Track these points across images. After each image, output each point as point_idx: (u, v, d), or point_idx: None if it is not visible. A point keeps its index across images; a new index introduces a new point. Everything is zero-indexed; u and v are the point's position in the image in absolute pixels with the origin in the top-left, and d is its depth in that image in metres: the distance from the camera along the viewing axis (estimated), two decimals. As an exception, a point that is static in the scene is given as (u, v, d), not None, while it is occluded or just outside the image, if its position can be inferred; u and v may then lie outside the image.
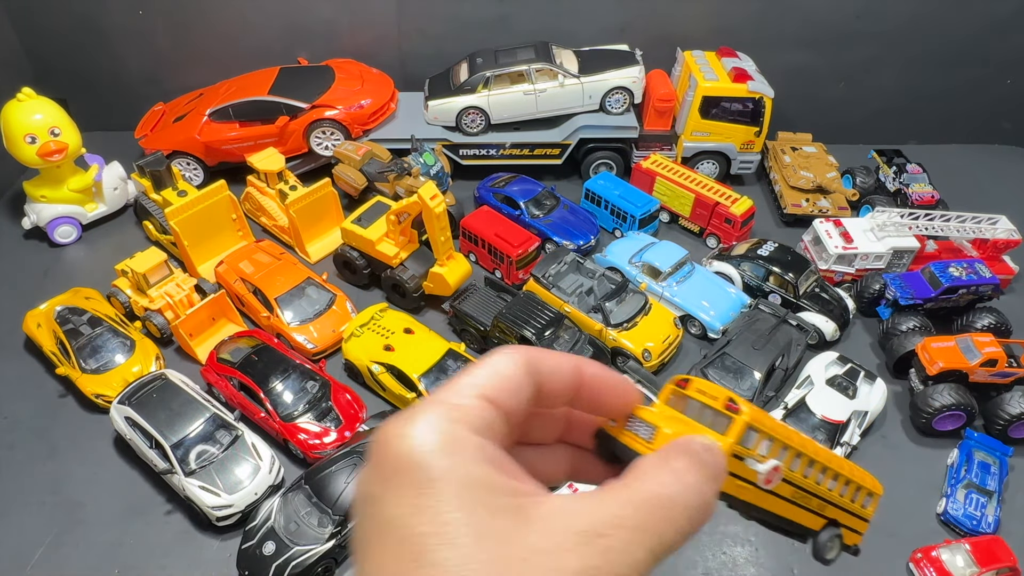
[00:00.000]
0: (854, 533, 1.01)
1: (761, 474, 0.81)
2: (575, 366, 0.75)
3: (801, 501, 0.92)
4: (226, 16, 4.54)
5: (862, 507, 1.02)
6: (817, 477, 0.93)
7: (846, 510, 0.99)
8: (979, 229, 3.88)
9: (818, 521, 0.95)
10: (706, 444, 0.71)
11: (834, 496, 0.96)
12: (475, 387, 0.66)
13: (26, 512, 2.88)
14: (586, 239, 3.99)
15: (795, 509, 0.92)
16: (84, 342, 3.31)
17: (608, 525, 0.59)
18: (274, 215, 4.07)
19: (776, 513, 0.89)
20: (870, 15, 4.54)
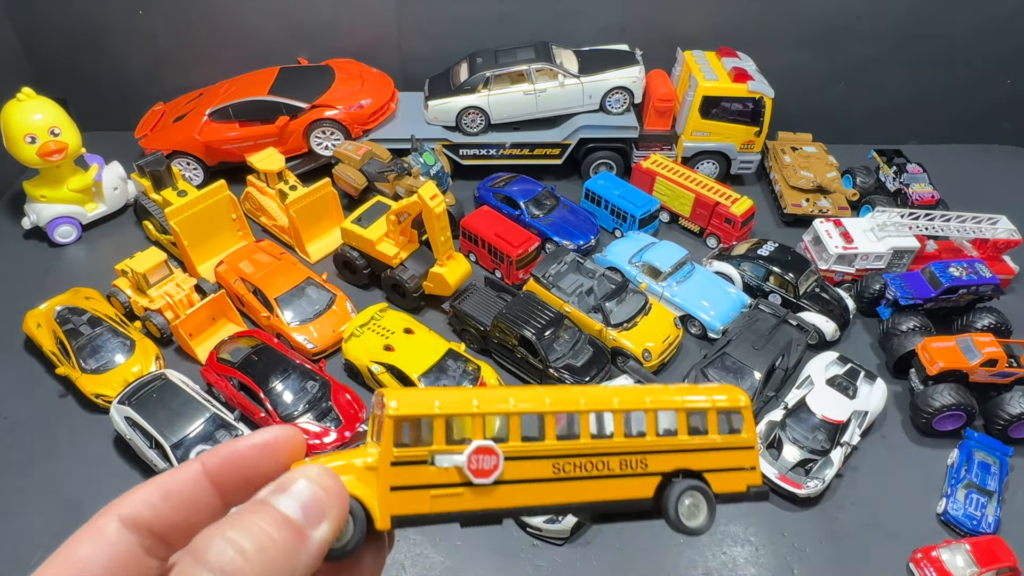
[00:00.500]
0: (734, 473, 0.69)
1: (464, 467, 0.61)
2: (191, 474, 0.59)
3: (580, 472, 0.65)
4: (226, 16, 4.54)
5: (720, 435, 0.69)
6: (590, 430, 0.65)
7: (689, 450, 0.68)
8: (979, 229, 3.88)
9: (645, 484, 0.66)
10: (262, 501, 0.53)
11: (647, 443, 0.67)
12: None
13: (26, 512, 2.88)
14: (586, 239, 3.99)
15: (579, 485, 0.64)
16: (84, 342, 3.31)
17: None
18: (274, 215, 4.07)
19: (559, 503, 0.63)
20: (870, 15, 4.54)
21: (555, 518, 2.69)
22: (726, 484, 0.69)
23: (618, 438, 0.67)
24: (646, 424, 0.68)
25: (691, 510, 0.68)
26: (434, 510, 0.61)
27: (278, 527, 0.50)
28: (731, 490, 0.69)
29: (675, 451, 0.69)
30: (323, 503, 0.53)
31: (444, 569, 2.67)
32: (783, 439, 3.10)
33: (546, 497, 0.64)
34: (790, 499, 2.96)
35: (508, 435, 0.64)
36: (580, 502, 0.65)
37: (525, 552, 2.74)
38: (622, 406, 0.68)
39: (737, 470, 0.70)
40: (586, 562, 2.73)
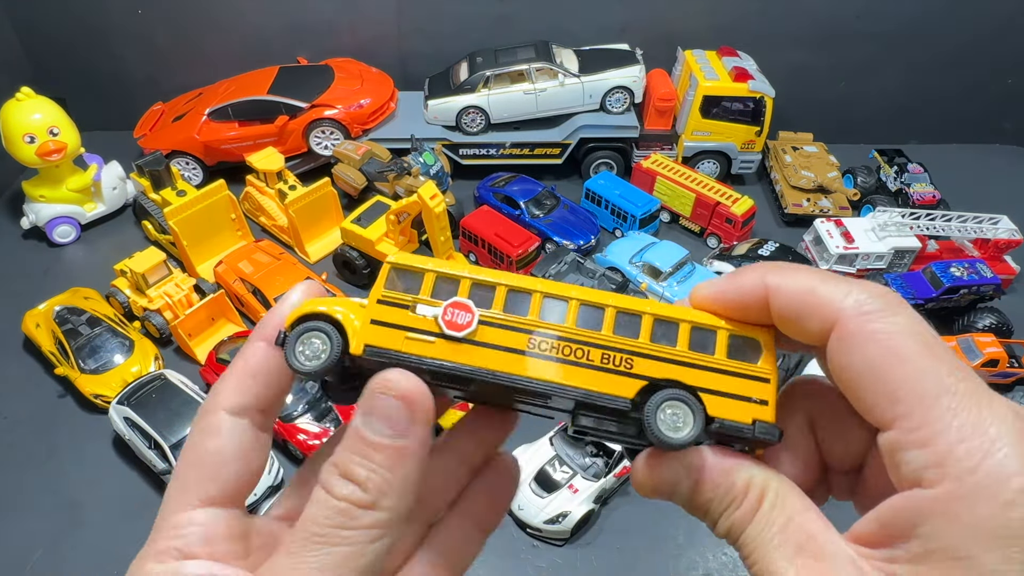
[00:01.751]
0: (739, 402, 0.62)
1: (439, 317, 0.62)
2: (262, 350, 0.64)
3: (556, 353, 0.62)
4: (225, 15, 4.53)
5: (728, 358, 0.63)
6: (576, 319, 0.64)
7: (685, 362, 0.63)
8: (980, 229, 3.87)
9: (627, 384, 0.62)
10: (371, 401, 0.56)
11: (636, 344, 0.63)
12: (191, 495, 0.60)
13: (25, 512, 2.88)
14: (586, 239, 3.98)
15: (553, 366, 0.62)
16: (83, 342, 3.30)
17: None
18: (273, 215, 4.06)
19: (528, 376, 0.61)
20: (871, 15, 4.53)
21: (556, 519, 2.69)
22: (726, 410, 0.62)
23: (606, 331, 0.64)
24: (640, 327, 0.64)
25: (674, 420, 0.60)
26: (405, 350, 0.62)
27: (377, 452, 0.54)
28: (731, 418, 0.61)
29: (668, 359, 0.63)
30: (405, 413, 0.56)
31: (444, 570, 2.66)
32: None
33: (516, 368, 0.62)
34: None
35: (492, 304, 0.63)
36: (550, 382, 0.62)
37: (525, 553, 2.73)
38: (617, 304, 0.64)
39: (743, 399, 0.62)
40: (586, 563, 2.72)
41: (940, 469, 0.46)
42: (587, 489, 2.74)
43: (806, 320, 0.56)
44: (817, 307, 0.55)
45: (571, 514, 2.69)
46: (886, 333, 0.51)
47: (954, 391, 0.48)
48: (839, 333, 0.53)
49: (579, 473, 2.81)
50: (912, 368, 0.49)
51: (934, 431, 0.47)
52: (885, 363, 0.50)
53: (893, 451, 0.50)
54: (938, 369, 0.49)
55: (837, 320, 0.53)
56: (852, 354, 0.52)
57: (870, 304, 0.53)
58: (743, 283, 0.61)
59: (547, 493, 2.74)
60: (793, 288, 0.57)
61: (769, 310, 0.60)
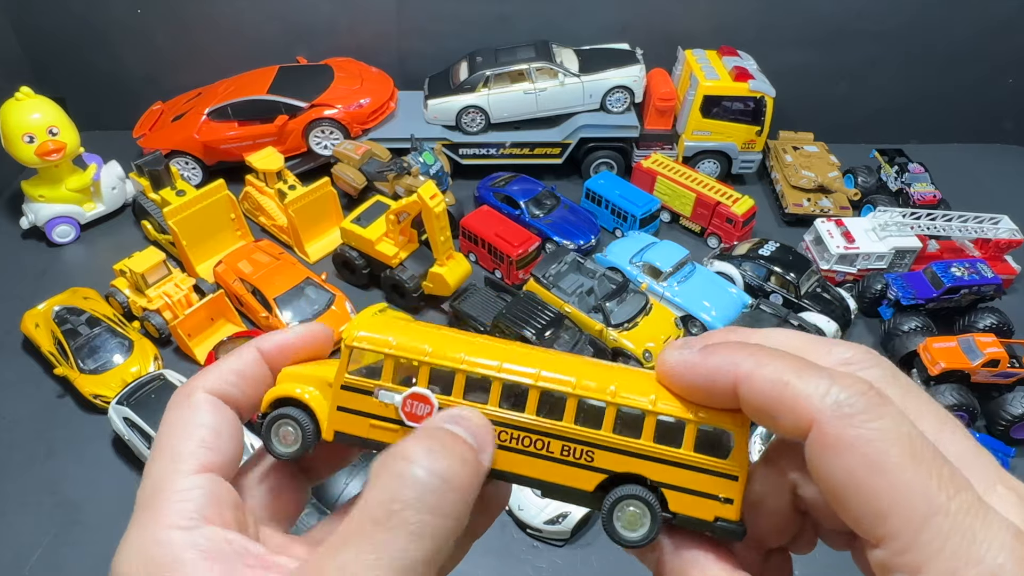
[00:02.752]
0: (702, 499, 0.60)
1: (399, 408, 0.62)
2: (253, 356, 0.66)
3: (517, 445, 0.62)
4: (225, 15, 4.53)
5: (696, 453, 0.60)
6: (536, 407, 0.62)
7: (649, 457, 0.61)
8: (981, 229, 3.87)
9: (586, 477, 0.61)
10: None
11: (598, 436, 0.61)
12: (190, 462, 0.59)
13: (24, 513, 2.87)
14: (586, 239, 3.97)
15: (514, 457, 0.62)
16: (82, 342, 3.30)
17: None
18: (273, 215, 4.06)
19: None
20: (871, 14, 4.53)
21: (556, 519, 2.68)
22: (688, 507, 0.60)
23: (567, 422, 0.62)
24: (603, 416, 0.61)
25: (631, 519, 0.60)
26: (371, 437, 0.64)
27: (462, 445, 0.55)
28: (693, 515, 0.60)
29: (630, 453, 0.61)
30: (485, 435, 0.58)
31: (444, 571, 2.65)
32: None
33: None
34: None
35: (452, 389, 0.63)
36: (513, 473, 0.62)
37: (525, 553, 2.73)
38: (580, 391, 0.62)
39: (708, 496, 0.60)
40: (587, 564, 2.72)
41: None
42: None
43: (779, 417, 0.52)
44: (791, 405, 0.50)
45: (571, 514, 2.69)
46: (868, 440, 0.46)
47: (946, 511, 0.44)
48: (816, 438, 0.49)
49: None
50: (898, 482, 0.45)
51: (924, 556, 0.44)
52: (868, 476, 0.46)
53: (883, 572, 0.47)
54: (927, 484, 0.45)
55: (813, 423, 0.49)
56: (831, 462, 0.48)
57: (850, 405, 0.48)
58: (714, 366, 0.56)
59: (547, 493, 2.74)
60: (765, 380, 0.52)
61: (733, 399, 0.56)
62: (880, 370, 0.54)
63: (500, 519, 2.78)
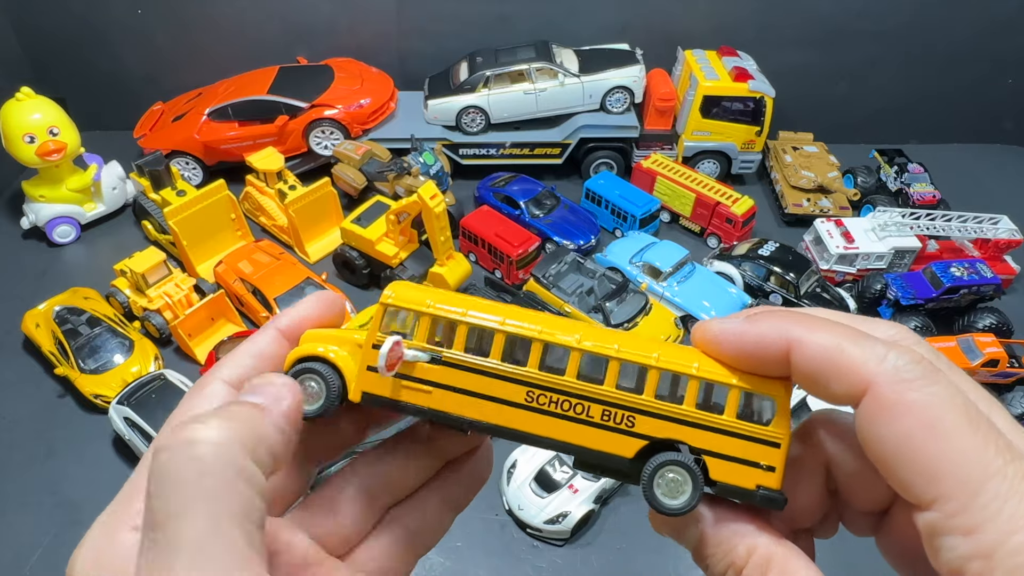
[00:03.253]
0: (744, 466, 0.59)
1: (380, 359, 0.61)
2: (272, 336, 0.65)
3: (555, 408, 0.61)
4: (225, 15, 4.53)
5: (738, 419, 0.59)
6: (578, 370, 0.61)
7: (691, 423, 0.60)
8: (980, 229, 3.87)
9: (626, 443, 0.60)
10: None
11: (640, 400, 0.60)
12: None
13: (24, 513, 2.87)
14: (586, 239, 3.98)
15: (551, 421, 0.61)
16: (83, 342, 3.30)
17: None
18: (273, 215, 4.06)
19: (527, 431, 0.61)
20: (871, 14, 4.53)
21: (556, 519, 2.69)
22: (730, 475, 0.59)
23: (608, 387, 0.61)
24: (646, 380, 0.60)
25: (672, 486, 0.58)
26: (399, 398, 0.62)
27: (245, 408, 0.53)
28: (734, 483, 0.59)
29: (672, 419, 0.60)
30: (274, 388, 0.56)
31: (444, 570, 2.66)
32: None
33: (515, 422, 0.61)
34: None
35: (491, 351, 0.62)
36: (549, 438, 0.61)
37: (525, 553, 2.73)
38: (623, 355, 0.61)
39: (750, 464, 0.59)
40: (587, 564, 2.72)
41: (987, 562, 0.42)
42: (587, 489, 2.74)
43: (832, 382, 0.52)
44: (847, 369, 0.50)
45: (571, 514, 2.69)
46: (925, 405, 0.47)
47: (1004, 474, 0.44)
48: (872, 402, 0.49)
49: (579, 473, 2.81)
50: (955, 446, 0.45)
51: (981, 518, 0.43)
52: (924, 439, 0.46)
53: (932, 534, 0.46)
54: (985, 448, 0.45)
55: (870, 386, 0.49)
56: (887, 426, 0.48)
57: (909, 371, 0.48)
58: (763, 332, 0.56)
59: (547, 493, 2.74)
60: (819, 345, 0.52)
61: (787, 364, 0.55)
62: (925, 348, 0.54)
63: (500, 519, 2.79)
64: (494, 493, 2.85)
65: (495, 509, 2.84)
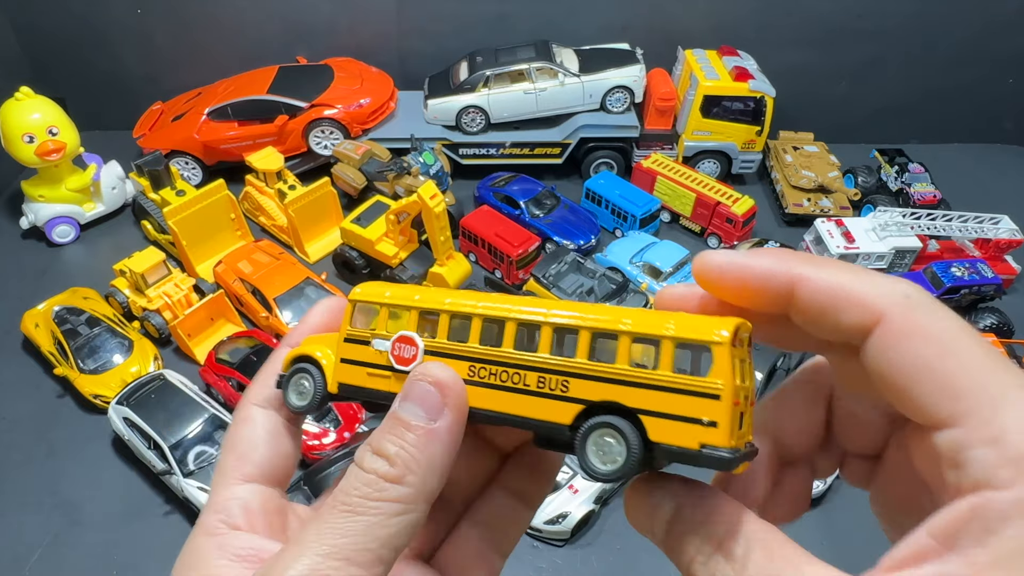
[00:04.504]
0: (683, 424, 0.53)
1: (388, 352, 0.66)
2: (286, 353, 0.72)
3: (495, 380, 0.61)
4: (225, 15, 4.53)
5: (673, 372, 0.55)
6: (514, 340, 0.61)
7: (624, 381, 0.56)
8: (981, 229, 3.87)
9: (563, 409, 0.58)
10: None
11: (572, 364, 0.58)
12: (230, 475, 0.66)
13: (24, 513, 2.87)
14: (587, 239, 3.97)
15: (494, 394, 0.61)
16: (82, 342, 3.30)
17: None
18: (273, 215, 4.06)
19: (474, 406, 0.62)
20: (872, 14, 4.53)
21: (556, 519, 2.68)
22: (669, 435, 0.54)
23: (542, 352, 0.60)
24: (577, 343, 0.59)
25: (607, 449, 0.55)
26: (368, 385, 0.67)
27: (408, 431, 0.58)
28: (675, 443, 0.53)
29: (606, 379, 0.57)
30: (438, 397, 0.59)
31: (444, 571, 2.65)
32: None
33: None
34: (792, 500, 2.94)
35: (437, 332, 0.65)
36: (493, 411, 0.61)
37: (525, 554, 2.73)
38: (552, 318, 0.60)
39: (688, 421, 0.53)
40: (587, 564, 2.72)
41: (1017, 466, 0.42)
42: (587, 490, 2.74)
43: (842, 313, 0.51)
44: (858, 300, 0.51)
45: (571, 515, 2.69)
46: (941, 328, 0.48)
47: (1017, 383, 0.45)
48: (886, 329, 0.49)
49: (579, 473, 2.80)
50: (973, 363, 0.46)
51: (1006, 427, 0.43)
52: (943, 357, 0.47)
53: (957, 450, 0.45)
54: (998, 366, 0.46)
55: (883, 315, 0.49)
56: (903, 349, 0.48)
57: (920, 299, 0.50)
58: (769, 266, 0.56)
59: (547, 493, 2.73)
60: (826, 281, 0.53)
61: (788, 300, 0.55)
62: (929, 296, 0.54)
63: (500, 519, 2.79)
64: (494, 493, 2.85)
65: (495, 509, 2.84)
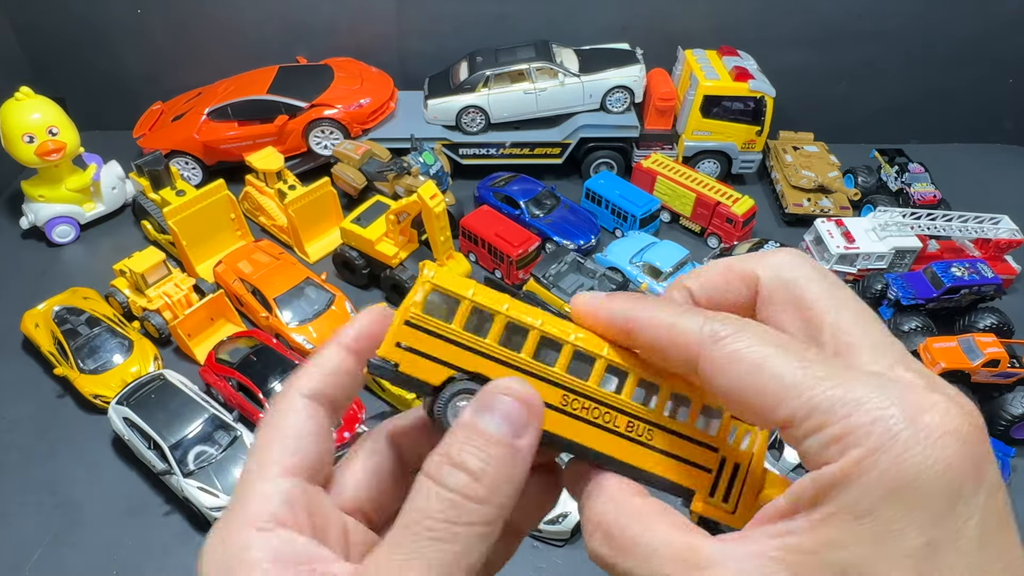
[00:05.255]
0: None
1: None
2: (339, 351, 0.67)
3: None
4: (225, 15, 4.53)
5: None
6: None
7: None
8: (981, 229, 3.87)
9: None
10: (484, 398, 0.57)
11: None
12: (274, 466, 0.61)
13: (24, 513, 2.87)
14: (587, 239, 3.97)
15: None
16: (82, 342, 3.30)
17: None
18: (273, 215, 4.06)
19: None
20: (872, 14, 4.53)
21: (556, 520, 2.68)
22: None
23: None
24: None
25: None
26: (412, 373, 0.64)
27: (492, 446, 0.55)
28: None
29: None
30: (524, 414, 0.57)
31: (444, 571, 2.66)
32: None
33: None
34: (792, 500, 2.94)
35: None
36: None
37: (525, 553, 2.73)
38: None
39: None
40: (587, 564, 2.69)
41: (839, 444, 0.47)
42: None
43: (670, 354, 0.59)
44: (677, 341, 0.57)
45: (571, 514, 2.69)
46: (742, 351, 0.53)
47: (819, 375, 0.50)
48: (704, 364, 0.55)
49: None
50: (778, 371, 0.51)
51: (822, 413, 0.49)
52: (751, 377, 0.52)
53: (797, 444, 0.51)
54: (799, 363, 0.51)
55: (699, 354, 0.56)
56: (721, 379, 0.54)
57: (723, 329, 0.55)
58: (613, 311, 0.63)
59: (547, 493, 2.73)
60: (652, 324, 0.60)
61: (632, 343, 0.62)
62: (808, 268, 0.59)
63: (500, 519, 2.79)
64: (494, 493, 2.85)
65: (495, 509, 2.84)
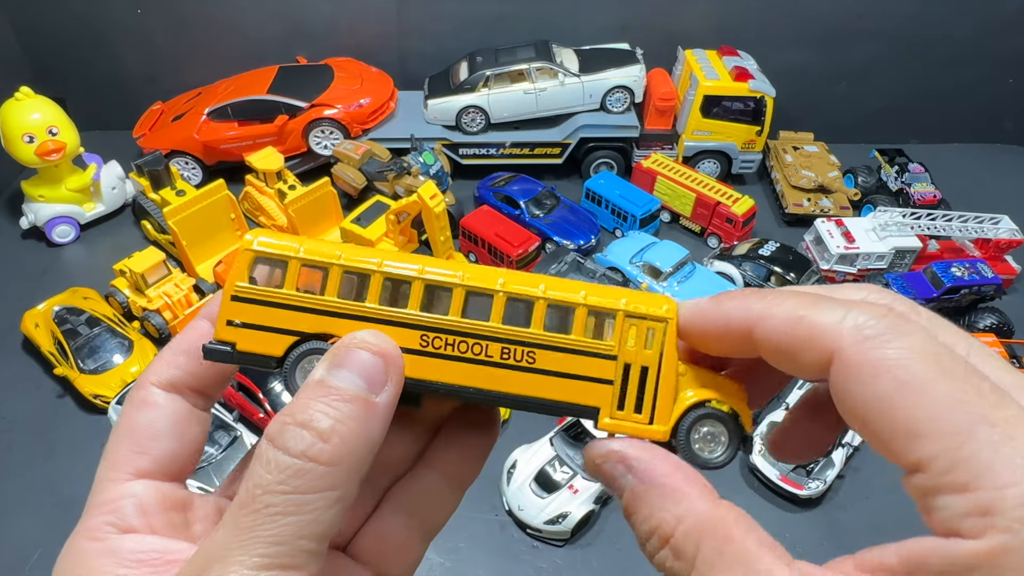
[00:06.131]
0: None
1: None
2: (203, 329, 0.60)
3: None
4: (225, 15, 4.53)
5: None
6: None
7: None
8: (981, 229, 3.87)
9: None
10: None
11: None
12: (123, 470, 0.57)
13: (25, 513, 2.87)
14: (587, 239, 3.97)
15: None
16: (82, 342, 3.30)
17: None
18: (273, 215, 4.05)
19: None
20: (872, 14, 4.53)
21: (556, 520, 2.68)
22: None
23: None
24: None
25: None
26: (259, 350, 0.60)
27: (345, 402, 0.49)
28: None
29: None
30: (381, 367, 0.52)
31: (444, 571, 2.66)
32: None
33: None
34: (791, 500, 2.95)
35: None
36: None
37: (525, 554, 2.73)
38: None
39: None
40: (587, 564, 2.72)
41: (985, 519, 0.38)
42: (587, 489, 2.74)
43: (799, 355, 0.48)
44: (808, 337, 0.47)
45: (571, 515, 2.69)
46: (895, 360, 0.43)
47: (992, 421, 0.40)
48: (839, 367, 0.45)
49: (579, 473, 2.79)
50: (934, 398, 0.41)
51: (974, 472, 0.39)
52: (899, 396, 0.42)
53: (925, 495, 0.42)
54: (966, 396, 0.41)
55: (834, 352, 0.45)
56: (857, 390, 0.44)
57: (872, 327, 0.44)
58: (728, 312, 0.54)
59: (547, 494, 2.74)
60: (779, 317, 0.50)
61: (750, 345, 0.52)
62: (901, 303, 0.50)
63: (500, 520, 2.79)
64: (494, 494, 2.85)
65: (495, 510, 2.84)
